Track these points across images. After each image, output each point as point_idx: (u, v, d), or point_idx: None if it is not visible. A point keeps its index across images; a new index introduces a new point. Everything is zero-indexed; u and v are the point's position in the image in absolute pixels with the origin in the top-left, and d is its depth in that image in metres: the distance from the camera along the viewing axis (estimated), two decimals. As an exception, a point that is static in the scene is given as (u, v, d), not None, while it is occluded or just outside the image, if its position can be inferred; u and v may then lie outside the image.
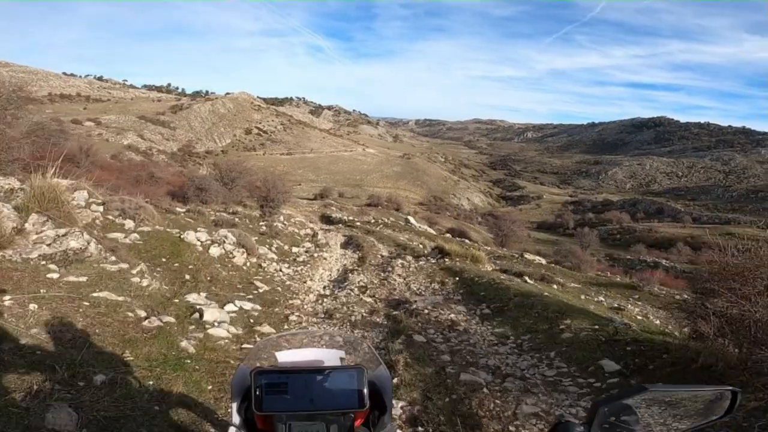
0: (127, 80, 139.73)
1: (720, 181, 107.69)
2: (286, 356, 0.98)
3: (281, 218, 14.80)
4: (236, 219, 11.28)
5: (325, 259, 9.42)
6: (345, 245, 12.36)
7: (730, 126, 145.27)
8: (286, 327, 4.59)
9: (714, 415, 0.83)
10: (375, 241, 12.65)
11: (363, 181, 79.86)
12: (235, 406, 0.92)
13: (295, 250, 9.90)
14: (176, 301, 4.29)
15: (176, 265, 5.28)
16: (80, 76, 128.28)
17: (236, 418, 0.90)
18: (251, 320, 4.55)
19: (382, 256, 10.20)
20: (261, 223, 12.06)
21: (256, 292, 5.73)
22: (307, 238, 12.70)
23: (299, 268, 8.02)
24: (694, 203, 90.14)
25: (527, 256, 14.39)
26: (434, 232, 19.43)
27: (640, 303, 10.75)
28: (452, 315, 5.52)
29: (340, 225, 20.35)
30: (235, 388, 0.93)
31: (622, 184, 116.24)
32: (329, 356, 1.00)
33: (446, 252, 9.42)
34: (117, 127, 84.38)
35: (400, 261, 8.83)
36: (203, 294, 4.79)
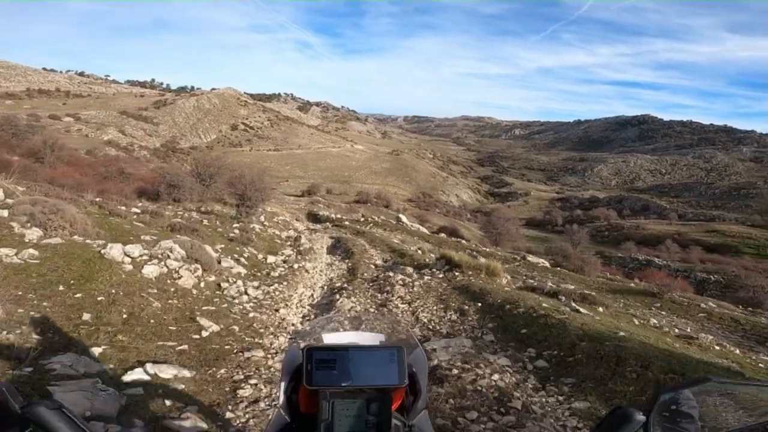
0: (109, 76, 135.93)
1: (702, 178, 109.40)
2: (332, 338, 1.05)
3: (261, 218, 13.34)
4: (205, 221, 9.70)
5: (307, 271, 7.85)
6: (332, 250, 10.90)
7: (712, 124, 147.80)
8: (230, 409, 2.83)
9: None
10: (366, 245, 11.18)
11: (351, 177, 78.38)
12: (283, 386, 0.95)
13: (271, 259, 8.23)
14: (29, 369, 2.52)
15: (79, 295, 3.65)
16: (61, 72, 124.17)
17: (282, 399, 0.94)
18: (166, 402, 2.69)
19: (376, 265, 8.72)
20: (234, 226, 10.37)
21: (196, 337, 3.87)
22: (288, 243, 11.09)
23: (272, 288, 6.31)
24: (678, 200, 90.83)
25: (530, 258, 13.21)
26: (427, 231, 18.16)
27: (664, 313, 9.35)
28: (495, 376, 3.58)
29: (328, 224, 18.99)
30: (285, 367, 0.98)
31: (608, 181, 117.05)
32: (371, 339, 1.06)
33: (455, 263, 7.55)
34: (97, 122, 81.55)
35: (399, 276, 7.12)
36: (98, 349, 3.06)
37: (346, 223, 16.77)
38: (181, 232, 6.33)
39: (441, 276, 7.26)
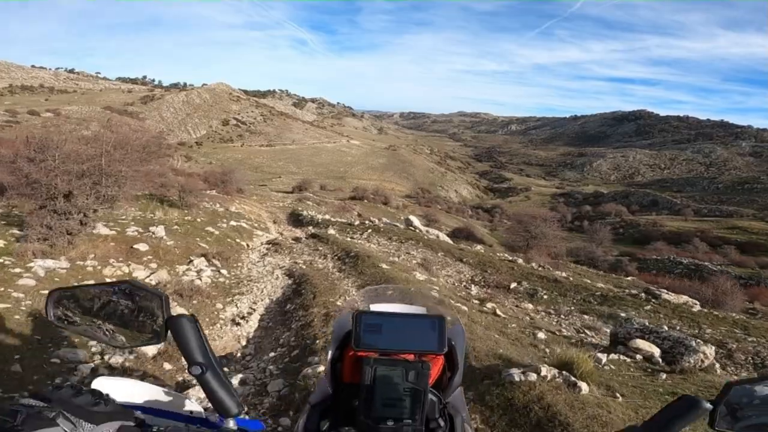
0: (100, 72, 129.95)
1: (702, 173, 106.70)
2: (379, 307, 1.06)
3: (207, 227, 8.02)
4: None
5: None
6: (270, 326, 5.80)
7: (708, 119, 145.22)
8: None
9: None
10: (352, 289, 6.24)
11: (347, 173, 73.02)
12: (330, 353, 0.97)
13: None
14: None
15: None
16: (50, 69, 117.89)
17: (328, 367, 0.96)
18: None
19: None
20: None
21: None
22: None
23: None
24: (681, 195, 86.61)
25: (667, 295, 7.53)
26: (449, 240, 12.51)
27: None
28: None
29: (311, 228, 13.57)
30: (334, 333, 1.00)
31: (607, 176, 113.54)
32: (414, 310, 1.07)
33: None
34: (78, 117, 75.29)
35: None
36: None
37: (331, 233, 11.09)
38: None
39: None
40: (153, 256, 6.70)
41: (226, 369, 3.80)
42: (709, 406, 0.69)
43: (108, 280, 5.12)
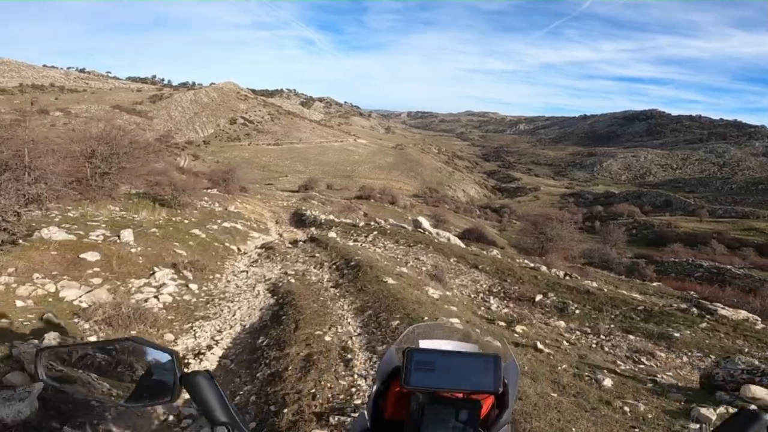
0: (110, 72, 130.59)
1: (715, 173, 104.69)
2: (429, 344, 1.02)
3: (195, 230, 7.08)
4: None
5: None
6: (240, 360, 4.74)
7: (721, 119, 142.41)
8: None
9: None
10: (353, 319, 4.97)
11: (354, 172, 72.26)
12: (375, 388, 0.94)
13: None
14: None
15: None
16: (61, 68, 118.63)
17: (370, 402, 0.93)
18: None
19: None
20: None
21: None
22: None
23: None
24: (694, 195, 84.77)
25: (724, 311, 6.44)
26: (461, 244, 11.45)
27: None
28: None
29: (313, 229, 12.67)
30: (380, 369, 0.96)
31: (618, 176, 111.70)
32: (467, 348, 1.03)
33: None
34: (87, 116, 75.57)
35: None
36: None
37: (332, 235, 10.05)
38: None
39: None
40: (103, 268, 5.61)
41: (252, 424, 2.95)
42: None
43: (109, 336, 4.03)
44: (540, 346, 4.28)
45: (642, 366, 4.60)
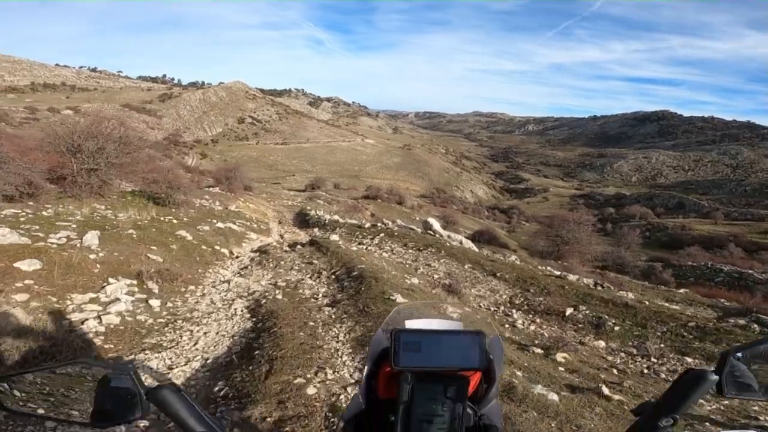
0: (122, 71, 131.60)
1: (728, 175, 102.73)
2: (415, 324, 1.04)
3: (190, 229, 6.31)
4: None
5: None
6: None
7: (734, 120, 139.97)
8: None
9: None
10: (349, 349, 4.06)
11: (361, 172, 71.61)
12: (366, 369, 0.96)
13: None
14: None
15: None
16: (73, 68, 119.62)
17: (363, 383, 0.95)
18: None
19: None
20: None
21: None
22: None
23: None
24: (707, 197, 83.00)
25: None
26: (475, 248, 10.58)
27: None
28: None
29: (316, 229, 11.95)
30: (370, 351, 0.99)
31: (628, 177, 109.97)
32: (451, 325, 1.05)
33: None
34: (97, 115, 75.60)
35: None
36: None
37: (334, 238, 9.19)
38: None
39: None
40: (39, 279, 4.59)
41: (236, 431, 2.29)
42: (715, 377, 0.71)
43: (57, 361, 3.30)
44: (606, 390, 3.39)
45: (726, 402, 3.72)
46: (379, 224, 11.56)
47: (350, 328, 4.29)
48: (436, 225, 10.97)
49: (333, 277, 6.01)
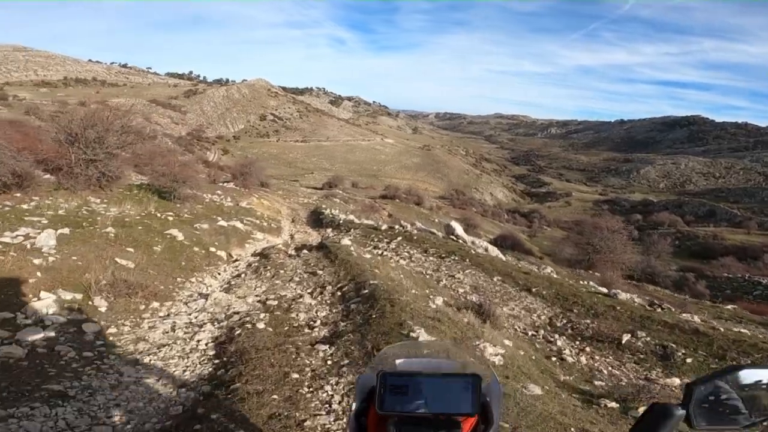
0: (151, 68, 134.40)
1: (761, 183, 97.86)
2: (406, 364, 1.01)
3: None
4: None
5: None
6: None
7: None
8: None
9: None
10: None
11: (380, 171, 70.89)
12: (354, 407, 0.94)
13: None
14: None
15: None
16: (104, 63, 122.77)
17: (353, 424, 0.93)
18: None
19: None
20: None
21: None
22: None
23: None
24: (738, 206, 79.16)
25: None
26: (502, 256, 9.55)
27: None
28: None
29: (329, 230, 11.22)
30: (358, 390, 0.97)
31: (655, 184, 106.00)
32: (445, 366, 1.00)
33: None
34: (124, 110, 77.01)
35: None
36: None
37: (346, 242, 8.15)
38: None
39: None
40: None
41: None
42: (682, 412, 0.70)
43: None
44: None
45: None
46: (396, 226, 10.70)
47: (350, 385, 3.06)
48: (459, 229, 10.01)
49: (339, 294, 5.01)
